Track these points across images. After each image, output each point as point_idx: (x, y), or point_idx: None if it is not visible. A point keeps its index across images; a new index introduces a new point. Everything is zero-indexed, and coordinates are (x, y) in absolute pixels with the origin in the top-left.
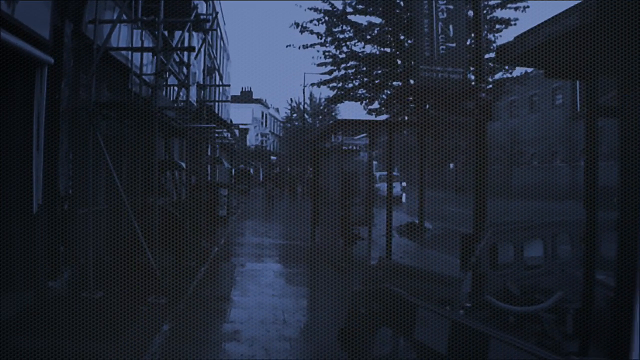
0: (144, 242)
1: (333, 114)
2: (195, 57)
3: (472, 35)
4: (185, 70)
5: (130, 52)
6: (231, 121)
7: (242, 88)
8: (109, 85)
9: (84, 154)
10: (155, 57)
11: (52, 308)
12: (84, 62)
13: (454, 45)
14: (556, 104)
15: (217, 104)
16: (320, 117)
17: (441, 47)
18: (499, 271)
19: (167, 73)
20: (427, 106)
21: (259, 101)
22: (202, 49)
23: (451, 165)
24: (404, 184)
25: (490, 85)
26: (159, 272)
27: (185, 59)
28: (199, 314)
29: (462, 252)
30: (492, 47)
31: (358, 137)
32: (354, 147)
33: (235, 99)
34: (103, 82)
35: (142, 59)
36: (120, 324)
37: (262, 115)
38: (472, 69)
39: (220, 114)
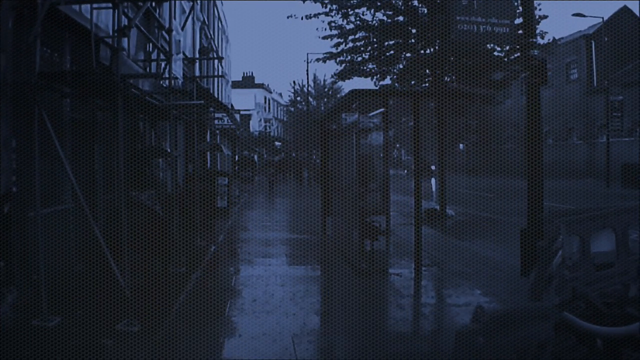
0: (108, 253)
1: (338, 95)
2: (182, 28)
3: None
4: (166, 36)
5: (91, 14)
6: (232, 106)
7: (244, 73)
8: (74, 58)
9: (34, 141)
10: (116, 11)
11: None
12: (31, 24)
13: None
14: (571, 80)
15: (217, 89)
16: (325, 99)
17: None
18: (568, 274)
19: (150, 46)
20: (447, 79)
21: (261, 86)
22: (190, 18)
23: (461, 146)
24: (432, 167)
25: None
26: (129, 290)
27: (167, 25)
28: (182, 348)
29: (523, 253)
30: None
31: (370, 114)
32: (367, 126)
33: (236, 85)
34: (65, 54)
35: (113, 24)
36: None
37: (265, 101)
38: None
39: (220, 100)
